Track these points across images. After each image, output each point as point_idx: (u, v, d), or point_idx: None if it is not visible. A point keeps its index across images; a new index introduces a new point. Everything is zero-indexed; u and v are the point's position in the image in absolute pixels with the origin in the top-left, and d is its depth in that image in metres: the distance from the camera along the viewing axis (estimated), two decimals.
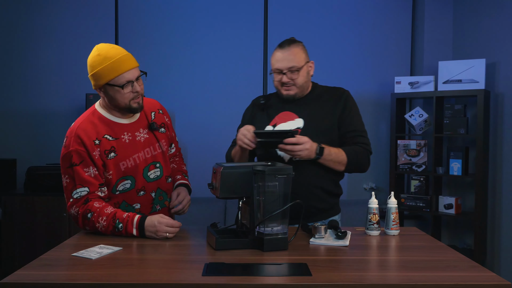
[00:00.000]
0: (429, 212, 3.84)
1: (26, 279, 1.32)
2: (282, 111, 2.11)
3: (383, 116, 4.24)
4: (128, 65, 1.83)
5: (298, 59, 2.03)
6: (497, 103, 3.73)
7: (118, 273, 1.38)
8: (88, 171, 1.84)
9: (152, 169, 1.96)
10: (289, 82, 2.04)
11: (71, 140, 1.85)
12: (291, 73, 2.03)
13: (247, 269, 1.42)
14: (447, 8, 4.14)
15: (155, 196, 1.97)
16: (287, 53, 2.03)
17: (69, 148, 1.85)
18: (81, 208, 1.82)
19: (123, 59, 1.83)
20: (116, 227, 1.78)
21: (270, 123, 2.11)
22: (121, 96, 1.84)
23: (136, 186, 1.91)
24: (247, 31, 4.23)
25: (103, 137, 1.87)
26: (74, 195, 1.84)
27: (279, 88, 2.09)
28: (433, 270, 1.42)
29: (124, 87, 1.82)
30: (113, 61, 1.82)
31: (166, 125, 2.09)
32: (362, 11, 4.26)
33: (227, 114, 4.16)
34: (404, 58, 4.28)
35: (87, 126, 1.87)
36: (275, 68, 2.06)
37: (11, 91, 4.17)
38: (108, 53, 1.84)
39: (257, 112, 2.19)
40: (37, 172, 3.78)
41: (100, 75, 1.83)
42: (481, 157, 3.58)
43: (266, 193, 1.62)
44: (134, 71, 1.85)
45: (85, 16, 4.18)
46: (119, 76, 1.81)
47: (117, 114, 1.93)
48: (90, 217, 1.80)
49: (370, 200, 1.87)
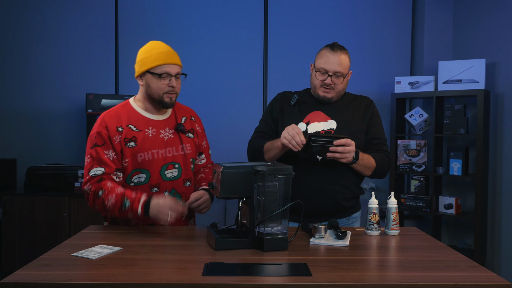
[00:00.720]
0: (429, 212, 3.84)
1: (26, 279, 1.32)
2: (315, 110, 2.13)
3: (383, 116, 4.20)
4: (172, 59, 1.96)
5: (345, 66, 2.09)
6: (497, 103, 3.73)
7: (118, 273, 1.38)
8: (108, 154, 1.91)
9: (170, 169, 1.99)
10: (331, 85, 2.07)
11: (98, 124, 1.96)
12: (335, 77, 2.07)
13: (247, 269, 1.43)
14: (447, 8, 4.14)
15: (168, 196, 1.97)
16: (338, 57, 2.07)
17: (94, 130, 1.95)
18: (94, 185, 1.88)
19: (169, 53, 1.97)
20: (124, 205, 1.84)
21: (303, 120, 2.11)
22: (157, 86, 1.94)
23: (151, 181, 1.95)
24: (247, 31, 4.23)
25: (127, 126, 1.96)
26: (91, 173, 1.91)
27: (317, 88, 2.10)
28: (433, 270, 1.42)
29: (161, 77, 1.93)
30: (159, 52, 1.95)
31: (196, 132, 2.14)
32: (362, 11, 4.26)
33: (227, 114, 4.16)
34: (404, 58, 4.28)
35: (115, 114, 1.98)
36: (322, 68, 2.07)
37: (11, 91, 4.17)
38: (158, 45, 1.99)
39: (287, 107, 2.17)
40: (37, 172, 3.78)
41: (145, 62, 1.95)
42: (481, 157, 3.58)
43: (266, 193, 1.62)
44: (176, 67, 1.97)
45: (85, 16, 4.19)
46: (160, 66, 1.93)
47: (150, 108, 2.02)
48: (101, 195, 1.86)
49: (370, 200, 1.87)
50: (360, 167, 2.03)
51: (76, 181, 3.73)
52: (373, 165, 2.06)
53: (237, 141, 2.36)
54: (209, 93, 4.21)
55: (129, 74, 4.12)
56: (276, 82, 4.21)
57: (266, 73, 4.23)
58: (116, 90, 4.20)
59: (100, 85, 4.17)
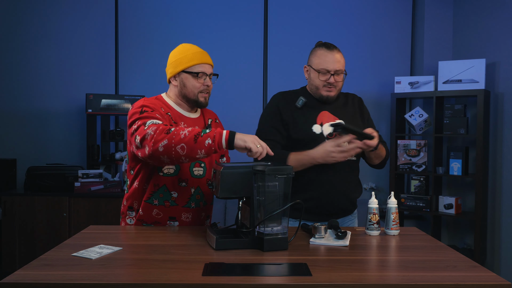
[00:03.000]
0: (429, 212, 3.84)
1: (26, 279, 1.32)
2: (322, 110, 2.15)
3: (383, 116, 4.24)
4: (207, 59, 2.01)
5: (343, 63, 2.12)
6: (497, 103, 3.73)
7: (118, 273, 1.38)
8: (159, 117, 1.87)
9: (197, 167, 2.02)
10: (333, 83, 2.10)
11: (141, 102, 1.94)
12: (337, 76, 2.10)
13: (247, 269, 1.42)
14: (447, 8, 4.14)
15: (193, 192, 2.00)
16: (338, 56, 2.10)
17: (139, 104, 1.91)
18: (159, 126, 1.76)
19: (204, 53, 2.01)
20: (202, 132, 1.72)
21: (316, 122, 2.12)
22: (192, 85, 1.98)
23: (180, 175, 1.97)
24: (247, 31, 4.23)
25: (167, 113, 1.97)
26: (148, 124, 1.79)
27: (320, 88, 2.11)
28: (433, 270, 1.42)
29: (198, 75, 1.97)
30: (195, 52, 1.99)
31: None
32: (362, 11, 4.26)
33: (227, 114, 4.15)
34: (404, 58, 4.28)
35: (153, 100, 1.99)
36: (323, 68, 2.08)
37: (11, 91, 4.17)
38: (191, 46, 2.02)
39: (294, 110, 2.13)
40: (37, 172, 3.78)
41: (181, 61, 1.98)
42: (481, 157, 3.58)
43: (266, 193, 1.62)
44: (210, 67, 2.02)
45: (85, 16, 4.19)
46: (196, 65, 1.97)
47: (183, 105, 2.04)
48: (172, 130, 1.73)
49: (370, 200, 1.87)
50: (375, 154, 2.12)
51: (76, 181, 3.73)
52: (384, 155, 2.17)
53: None
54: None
55: (129, 74, 4.12)
56: (276, 81, 4.21)
57: (266, 73, 4.23)
58: (116, 90, 4.20)
59: (100, 85, 4.17)
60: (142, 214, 1.99)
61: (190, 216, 2.03)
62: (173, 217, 2.01)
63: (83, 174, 3.76)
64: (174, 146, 1.72)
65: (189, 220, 2.03)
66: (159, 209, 1.98)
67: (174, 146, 1.72)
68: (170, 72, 2.01)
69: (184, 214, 2.01)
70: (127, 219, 2.04)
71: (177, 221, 2.02)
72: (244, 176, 1.65)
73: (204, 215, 2.09)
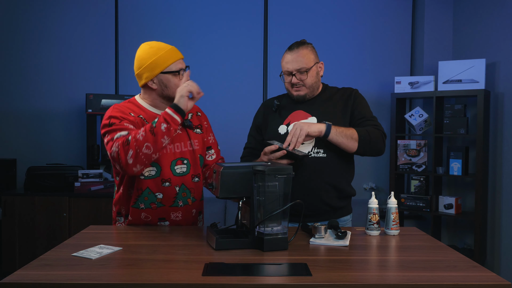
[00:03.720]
0: (429, 212, 3.84)
1: (26, 279, 1.32)
2: (295, 110, 2.15)
3: (383, 116, 4.24)
4: (179, 55, 1.99)
5: (306, 60, 2.08)
6: (497, 103, 3.73)
7: (118, 273, 1.38)
8: (128, 126, 1.89)
9: (179, 164, 2.00)
10: (298, 83, 2.10)
11: (110, 111, 1.95)
12: (300, 74, 2.09)
13: (247, 269, 1.42)
14: (447, 8, 4.14)
15: (178, 191, 1.99)
16: (296, 55, 2.09)
17: (107, 115, 1.93)
18: (120, 139, 1.83)
19: (174, 49, 1.98)
20: (153, 124, 1.81)
21: (283, 122, 2.15)
22: (174, 84, 1.95)
23: (162, 175, 1.96)
24: (247, 31, 4.23)
25: (138, 116, 1.96)
26: (115, 137, 1.85)
27: (290, 89, 2.15)
28: (433, 270, 1.42)
29: (179, 73, 1.96)
30: (166, 51, 1.95)
31: (204, 128, 2.15)
32: (362, 11, 4.26)
33: (227, 114, 4.16)
34: (404, 58, 4.28)
35: (124, 105, 1.99)
36: (285, 70, 2.12)
37: (11, 91, 4.17)
38: (160, 45, 1.97)
39: (269, 113, 2.23)
40: (37, 172, 3.78)
41: (156, 64, 1.93)
42: (481, 157, 3.58)
43: (266, 193, 1.62)
44: (182, 61, 2.00)
45: (85, 16, 4.19)
46: (174, 63, 1.95)
47: (160, 105, 2.01)
48: (130, 139, 1.80)
49: (370, 200, 1.87)
50: (340, 139, 1.97)
51: (76, 181, 3.73)
52: (355, 134, 1.99)
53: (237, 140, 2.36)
54: (208, 92, 4.19)
55: (129, 74, 4.12)
56: (276, 81, 4.20)
57: (266, 72, 4.23)
58: (116, 90, 4.20)
59: (100, 85, 4.17)
60: (131, 219, 1.99)
61: (180, 215, 2.02)
62: (162, 217, 2.00)
63: (83, 174, 3.76)
64: (140, 151, 1.80)
65: (180, 218, 2.02)
66: (147, 212, 1.97)
67: (140, 151, 1.80)
68: (147, 76, 1.95)
69: (173, 213, 2.00)
70: (117, 225, 2.05)
71: (167, 221, 2.01)
72: (244, 176, 1.64)
73: (196, 211, 2.08)
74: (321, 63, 2.17)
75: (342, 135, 1.98)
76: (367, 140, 2.01)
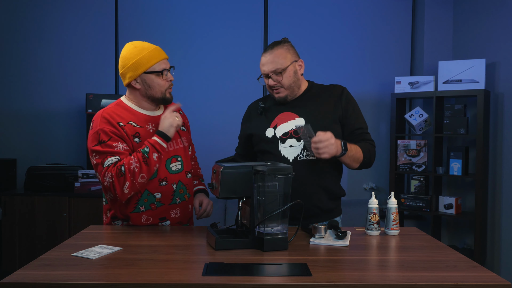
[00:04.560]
0: (429, 212, 3.84)
1: (26, 279, 1.32)
2: (281, 112, 2.11)
3: (383, 116, 4.24)
4: (163, 54, 1.98)
5: (281, 60, 2.03)
6: (497, 103, 3.73)
7: (118, 273, 1.38)
8: (118, 146, 1.88)
9: (174, 162, 2.01)
10: (276, 84, 2.06)
11: (98, 121, 1.91)
12: (276, 76, 2.05)
13: (247, 269, 1.42)
14: (447, 8, 4.14)
15: (176, 188, 2.00)
16: (270, 56, 2.05)
17: (96, 128, 1.90)
18: (113, 170, 1.83)
19: (158, 49, 1.97)
20: (144, 154, 1.84)
21: (270, 125, 2.10)
22: (158, 84, 1.95)
23: (159, 175, 1.96)
24: (247, 31, 4.23)
25: (128, 123, 1.94)
26: (106, 164, 1.85)
27: (270, 92, 2.12)
28: (433, 270, 1.42)
29: (162, 73, 1.94)
30: (150, 51, 1.94)
31: (186, 125, 2.18)
32: (362, 11, 4.26)
33: (227, 114, 4.16)
34: (404, 58, 4.28)
35: (113, 111, 1.95)
36: (262, 73, 2.10)
37: (11, 91, 4.17)
38: (143, 45, 1.96)
39: (255, 117, 2.19)
40: (37, 172, 3.78)
41: (140, 64, 1.92)
42: (481, 157, 3.58)
43: (266, 193, 1.62)
44: (167, 62, 1.99)
45: (85, 16, 4.19)
46: (156, 64, 1.94)
47: (147, 106, 2.01)
48: (124, 170, 1.82)
49: (370, 200, 1.87)
50: (348, 159, 1.96)
51: (76, 181, 3.73)
52: (361, 157, 2.00)
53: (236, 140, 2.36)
54: (209, 92, 4.21)
55: None
56: None
57: None
58: (116, 90, 4.20)
59: (100, 85, 4.17)
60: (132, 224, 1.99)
61: (179, 212, 2.03)
62: (163, 217, 2.00)
63: (83, 174, 3.76)
64: (136, 181, 1.85)
65: (178, 215, 2.03)
66: (147, 214, 1.97)
67: (136, 181, 1.85)
68: (130, 76, 1.93)
69: (172, 211, 2.01)
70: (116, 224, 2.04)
71: (168, 220, 2.02)
72: (244, 176, 1.65)
73: (191, 207, 2.12)
74: (300, 61, 2.11)
75: (351, 159, 1.97)
76: (367, 161, 2.04)
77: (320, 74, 4.13)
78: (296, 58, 2.09)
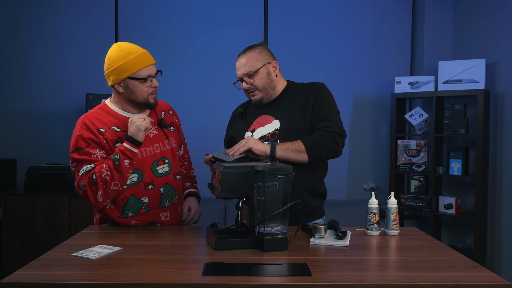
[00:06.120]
0: (429, 212, 3.84)
1: (26, 279, 1.32)
2: (259, 115, 2.13)
3: (383, 116, 4.24)
4: (149, 60, 1.93)
5: (252, 63, 2.06)
6: (497, 103, 3.73)
7: (118, 273, 1.38)
8: (95, 153, 1.87)
9: (161, 165, 1.99)
10: (250, 88, 2.09)
11: (78, 127, 1.91)
12: (248, 78, 2.08)
13: (247, 269, 1.42)
14: (447, 8, 4.14)
15: (163, 191, 1.99)
16: (242, 60, 2.08)
17: (75, 134, 1.91)
18: (85, 178, 1.84)
19: (145, 54, 1.92)
20: (115, 161, 1.83)
21: (248, 129, 2.13)
22: (141, 90, 1.91)
23: (144, 179, 1.94)
24: (247, 31, 4.23)
25: (110, 128, 1.91)
26: (80, 172, 1.86)
27: (247, 95, 2.15)
28: (433, 270, 1.42)
29: (146, 80, 1.90)
30: (136, 56, 1.89)
31: (176, 125, 2.15)
32: (362, 11, 4.26)
33: (226, 114, 4.15)
34: (404, 58, 4.28)
35: (94, 116, 1.94)
36: (238, 77, 2.13)
37: (11, 91, 4.17)
38: (130, 49, 1.91)
39: (237, 122, 2.23)
40: (37, 172, 3.78)
41: (123, 69, 1.88)
42: (481, 157, 3.58)
43: (266, 193, 1.62)
44: (153, 67, 1.95)
45: (85, 16, 4.19)
46: (141, 70, 1.89)
47: (130, 109, 1.98)
48: (96, 178, 1.82)
49: (370, 200, 1.87)
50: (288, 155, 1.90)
51: None
52: (302, 147, 1.92)
53: None
54: (208, 91, 4.21)
55: None
56: None
57: None
58: None
59: (100, 85, 4.16)
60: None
61: (169, 214, 2.02)
62: (152, 221, 1.99)
63: None
64: (108, 189, 1.84)
65: (169, 218, 2.02)
66: (136, 219, 1.96)
67: (108, 189, 1.84)
68: (113, 79, 1.90)
69: (162, 214, 2.00)
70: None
71: (158, 223, 2.01)
72: (244, 176, 1.65)
73: (180, 209, 2.09)
74: (274, 62, 2.11)
75: (288, 151, 1.91)
76: (315, 148, 1.92)
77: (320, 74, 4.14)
78: (269, 60, 2.10)
